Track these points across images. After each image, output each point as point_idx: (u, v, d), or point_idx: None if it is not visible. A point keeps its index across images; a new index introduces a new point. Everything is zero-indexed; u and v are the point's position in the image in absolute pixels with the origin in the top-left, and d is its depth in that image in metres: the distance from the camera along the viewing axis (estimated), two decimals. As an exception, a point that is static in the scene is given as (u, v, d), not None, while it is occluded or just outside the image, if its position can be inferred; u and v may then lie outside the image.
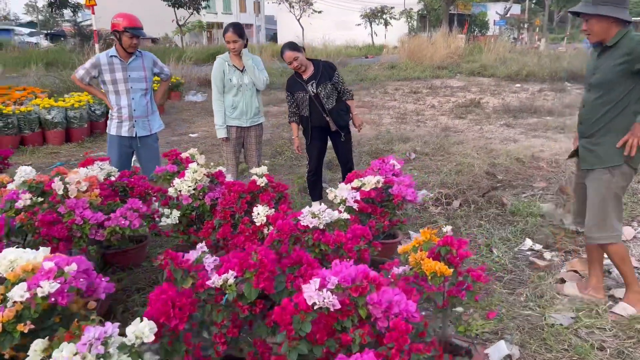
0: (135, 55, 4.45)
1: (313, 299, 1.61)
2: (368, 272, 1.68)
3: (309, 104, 4.68)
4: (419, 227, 4.64)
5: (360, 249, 2.59)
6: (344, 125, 4.80)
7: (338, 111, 4.73)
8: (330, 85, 4.65)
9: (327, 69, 4.69)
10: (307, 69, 4.65)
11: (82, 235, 2.71)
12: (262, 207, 2.90)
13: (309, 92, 4.63)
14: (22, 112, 7.94)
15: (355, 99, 13.54)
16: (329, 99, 4.67)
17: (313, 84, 4.63)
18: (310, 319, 1.63)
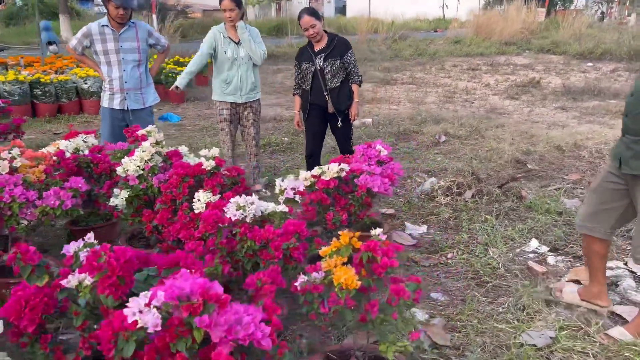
0: (128, 25, 4.31)
1: (135, 316, 1.36)
2: (208, 287, 1.40)
3: (312, 77, 4.40)
4: (420, 218, 4.27)
5: (290, 247, 2.31)
6: (342, 109, 4.46)
7: (339, 93, 4.40)
8: (339, 62, 4.32)
9: (341, 45, 4.36)
10: (321, 40, 4.36)
11: (12, 214, 2.60)
12: (204, 193, 2.68)
13: (316, 64, 4.34)
14: (60, 81, 8.14)
15: (406, 75, 13.00)
16: (334, 78, 4.36)
17: (321, 57, 4.33)
18: (134, 338, 1.39)
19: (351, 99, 4.47)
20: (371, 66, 14.52)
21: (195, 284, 1.39)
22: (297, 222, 2.38)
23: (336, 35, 4.44)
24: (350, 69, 4.38)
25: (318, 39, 4.35)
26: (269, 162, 5.81)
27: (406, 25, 27.84)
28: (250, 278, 2.22)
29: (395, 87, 11.37)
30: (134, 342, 1.39)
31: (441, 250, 3.71)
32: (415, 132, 7.03)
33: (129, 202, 3.04)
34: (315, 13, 4.30)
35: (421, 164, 5.68)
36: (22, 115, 7.92)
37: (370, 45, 18.77)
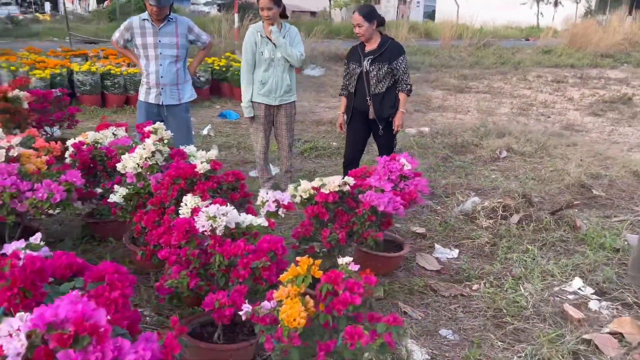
0: (168, 20, 4.27)
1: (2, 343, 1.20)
2: (87, 315, 1.21)
3: (357, 80, 4.20)
4: (453, 241, 3.89)
5: (260, 266, 2.08)
6: (384, 117, 4.19)
7: (383, 100, 4.15)
8: (387, 68, 4.07)
9: (393, 49, 4.11)
10: (372, 42, 4.14)
11: (3, 204, 2.59)
12: (193, 197, 2.52)
13: (362, 66, 4.14)
14: (129, 73, 8.42)
15: (483, 83, 12.36)
16: (380, 83, 4.12)
17: (369, 60, 4.11)
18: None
19: (395, 107, 4.18)
20: (447, 73, 13.94)
21: (71, 311, 1.21)
22: (274, 238, 2.15)
23: (390, 39, 4.19)
24: (399, 76, 4.11)
25: (365, 39, 4.13)
26: (310, 167, 5.61)
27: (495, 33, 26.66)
28: (209, 297, 2.03)
29: (467, 96, 10.79)
30: (2, 367, 1.23)
31: (467, 280, 3.33)
32: (475, 145, 6.54)
33: (127, 200, 2.95)
34: (367, 13, 4.06)
35: (472, 181, 5.23)
36: (91, 105, 8.31)
37: (451, 51, 18.09)
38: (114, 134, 3.84)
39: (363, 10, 4.08)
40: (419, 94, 10.64)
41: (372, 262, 3.32)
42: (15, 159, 2.80)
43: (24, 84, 5.31)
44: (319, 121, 7.85)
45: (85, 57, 10.11)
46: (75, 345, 1.19)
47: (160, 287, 2.23)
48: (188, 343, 1.67)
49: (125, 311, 1.55)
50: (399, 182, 3.28)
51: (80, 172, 3.25)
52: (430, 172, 5.39)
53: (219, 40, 12.72)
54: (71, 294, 1.26)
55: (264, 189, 2.70)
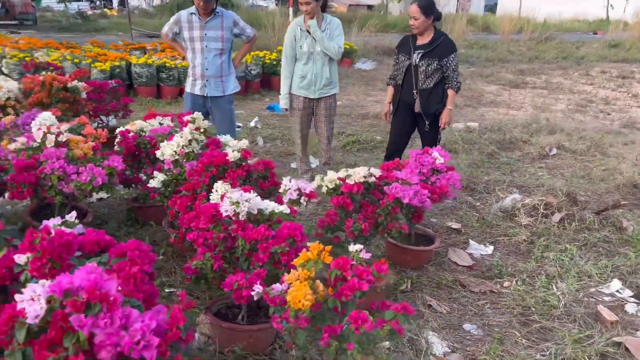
0: (214, 14, 4.41)
1: (23, 304, 1.33)
2: (98, 285, 1.32)
3: (405, 72, 4.18)
4: (490, 238, 3.83)
5: (279, 251, 2.16)
6: (430, 113, 4.17)
7: (430, 95, 4.12)
8: (436, 64, 4.03)
9: (444, 46, 4.04)
10: (425, 36, 4.10)
11: (52, 185, 2.79)
12: (223, 184, 2.62)
13: (412, 59, 4.11)
14: (183, 66, 8.72)
15: (541, 78, 11.96)
16: (428, 79, 4.08)
17: (419, 54, 4.08)
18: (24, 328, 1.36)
19: (442, 103, 4.15)
20: (503, 67, 13.53)
21: (86, 280, 1.32)
22: (293, 225, 2.22)
23: (443, 35, 4.12)
24: (449, 73, 4.06)
25: (419, 33, 4.10)
26: (352, 160, 5.64)
27: (560, 26, 25.63)
28: (229, 278, 2.12)
29: (522, 91, 10.45)
30: (25, 329, 1.36)
31: (498, 277, 3.28)
32: (524, 141, 6.35)
33: (165, 186, 3.11)
34: (425, 7, 3.99)
35: (516, 178, 5.10)
36: (147, 96, 8.67)
37: (510, 45, 17.53)
38: (160, 123, 4.02)
39: (422, 3, 4.00)
40: (472, 88, 10.42)
41: (402, 255, 3.35)
42: (65, 144, 3.00)
43: (83, 76, 5.64)
44: (364, 115, 7.85)
45: (144, 50, 10.53)
46: (87, 311, 1.31)
47: (187, 267, 2.35)
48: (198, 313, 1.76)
49: (142, 285, 1.66)
50: (431, 175, 3.27)
51: (123, 158, 3.46)
52: (472, 168, 5.30)
53: (272, 34, 12.90)
54: (88, 266, 1.38)
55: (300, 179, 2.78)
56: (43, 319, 1.33)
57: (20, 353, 1.38)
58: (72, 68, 7.94)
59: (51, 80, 4.88)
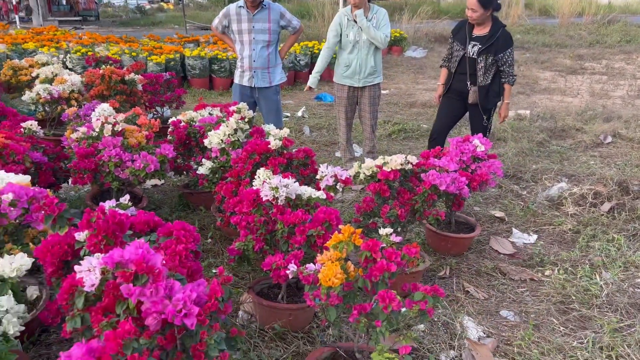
0: (262, 7, 4.54)
1: (81, 274, 1.50)
2: (145, 258, 1.46)
3: (459, 62, 4.13)
4: (534, 227, 3.80)
5: (315, 234, 2.26)
6: (489, 108, 4.14)
7: (488, 91, 4.08)
8: (492, 59, 3.97)
9: (502, 40, 3.95)
10: (483, 27, 4.02)
11: (109, 172, 3.01)
12: (265, 171, 2.76)
13: (467, 51, 4.05)
14: (234, 57, 8.94)
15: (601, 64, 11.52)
16: (486, 74, 4.03)
17: (475, 47, 4.01)
18: (84, 294, 1.53)
19: (499, 97, 4.13)
20: (561, 53, 13.06)
21: (134, 254, 1.47)
22: (329, 210, 2.32)
23: (502, 27, 3.99)
24: (504, 68, 3.99)
25: (477, 23, 4.02)
26: (397, 149, 5.66)
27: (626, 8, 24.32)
28: (268, 259, 2.25)
29: (580, 77, 10.08)
30: (83, 296, 1.53)
31: (540, 265, 3.26)
32: (577, 129, 6.17)
33: (213, 173, 3.27)
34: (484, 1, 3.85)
35: (566, 167, 4.99)
36: (200, 87, 8.98)
37: (569, 29, 16.85)
38: (210, 114, 4.21)
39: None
40: (525, 75, 10.14)
41: (442, 242, 3.39)
42: (120, 134, 3.22)
43: (140, 69, 5.93)
44: (412, 103, 7.82)
45: (197, 43, 10.87)
46: (135, 282, 1.46)
47: (231, 249, 2.50)
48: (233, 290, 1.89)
49: (187, 262, 1.81)
50: (471, 163, 3.28)
51: (175, 146, 3.66)
52: (520, 156, 5.22)
53: (321, 24, 12.98)
54: (136, 242, 1.53)
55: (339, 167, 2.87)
56: (98, 288, 1.50)
57: (79, 318, 1.55)
58: (129, 61, 8.33)
59: (110, 74, 5.18)
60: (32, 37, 9.69)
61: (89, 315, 1.56)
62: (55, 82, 5.24)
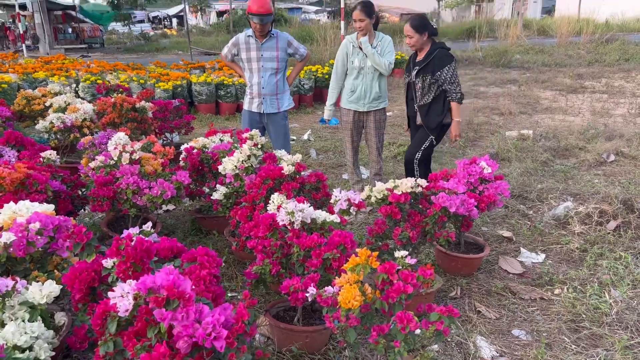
0: (270, 35, 4.68)
1: (115, 300, 1.57)
2: (176, 284, 1.54)
3: (407, 89, 4.33)
4: (541, 246, 3.85)
5: (330, 257, 2.34)
6: (432, 127, 4.17)
7: (428, 109, 4.14)
8: (430, 78, 4.04)
9: (438, 60, 4.00)
10: (423, 52, 4.16)
11: (127, 198, 3.10)
12: (279, 195, 2.84)
13: (411, 76, 4.22)
14: (241, 83, 9.13)
15: (601, 82, 11.65)
16: (425, 95, 4.10)
17: (416, 70, 4.14)
18: (117, 319, 1.60)
19: (443, 116, 4.15)
20: (560, 72, 13.23)
21: (165, 280, 1.55)
22: (344, 233, 2.40)
23: (439, 48, 4.06)
24: (446, 86, 4.02)
25: (417, 50, 4.16)
26: (402, 170, 5.68)
27: (623, 27, 24.66)
28: (286, 282, 2.32)
29: (580, 96, 10.21)
30: (116, 321, 1.60)
31: (549, 284, 3.31)
32: (580, 148, 6.26)
33: (227, 198, 3.36)
34: (418, 25, 4.01)
35: (570, 186, 5.06)
36: (207, 112, 9.12)
37: (567, 49, 17.07)
38: (221, 140, 4.31)
39: (414, 22, 4.08)
40: (526, 95, 10.28)
41: (452, 263, 3.45)
42: (137, 162, 3.32)
43: (149, 96, 6.07)
44: (416, 125, 7.92)
45: (203, 69, 11.07)
46: (167, 306, 1.53)
47: (248, 272, 2.57)
48: (259, 314, 1.95)
49: (211, 286, 1.88)
50: (479, 185, 3.36)
51: (189, 173, 3.76)
52: (525, 176, 5.29)
53: (324, 47, 13.20)
54: (166, 268, 1.60)
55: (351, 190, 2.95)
56: (131, 313, 1.57)
57: (112, 342, 1.62)
58: (138, 88, 8.50)
59: (121, 102, 5.31)
60: (42, 66, 9.92)
61: (120, 340, 1.63)
62: (68, 110, 5.38)
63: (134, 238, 1.95)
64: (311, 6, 53.75)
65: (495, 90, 11.18)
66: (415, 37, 4.07)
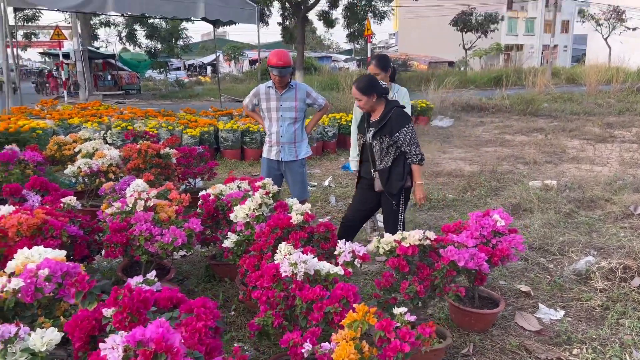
0: (289, 87, 4.81)
1: (105, 351, 1.59)
2: (165, 338, 1.55)
3: (362, 150, 4.01)
4: (560, 302, 3.73)
5: (332, 311, 2.31)
6: (394, 193, 3.86)
7: (389, 174, 3.84)
8: (389, 140, 3.77)
9: (395, 120, 3.77)
10: (377, 112, 3.91)
11: (139, 245, 3.16)
12: (286, 245, 2.85)
13: (366, 137, 3.92)
14: (265, 130, 9.30)
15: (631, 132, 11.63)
16: (384, 158, 3.82)
17: (371, 131, 3.87)
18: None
19: (403, 181, 3.86)
20: (589, 121, 13.08)
21: (155, 333, 1.56)
22: (347, 286, 2.38)
23: (394, 108, 3.84)
24: (405, 148, 3.76)
25: (368, 111, 3.94)
26: (422, 219, 5.70)
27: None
28: (286, 336, 2.30)
29: (609, 146, 10.03)
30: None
31: (568, 344, 3.18)
32: (606, 200, 6.11)
33: (238, 246, 3.38)
34: (364, 87, 3.80)
35: (595, 239, 4.91)
36: (232, 158, 9.30)
37: (597, 97, 16.94)
38: (239, 187, 4.38)
39: (360, 84, 3.84)
40: (553, 144, 10.17)
41: (465, 318, 3.36)
42: (152, 208, 3.40)
43: (175, 142, 6.25)
44: (438, 172, 7.91)
45: (231, 116, 11.36)
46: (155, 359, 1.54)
47: (251, 324, 2.55)
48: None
49: (206, 339, 1.88)
50: (492, 238, 3.30)
51: (203, 219, 3.82)
52: (547, 228, 5.17)
53: (349, 95, 13.40)
54: (158, 320, 1.62)
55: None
56: (120, 365, 1.58)
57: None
58: (166, 134, 8.76)
59: (146, 148, 5.47)
60: (78, 112, 10.35)
61: (111, 391, 1.63)
62: (96, 156, 5.57)
63: (133, 287, 1.98)
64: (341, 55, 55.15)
65: (521, 139, 11.10)
66: (363, 99, 3.82)
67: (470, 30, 29.18)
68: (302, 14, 22.70)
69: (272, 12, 22.77)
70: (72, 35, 23.80)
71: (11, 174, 5.18)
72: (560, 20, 49.42)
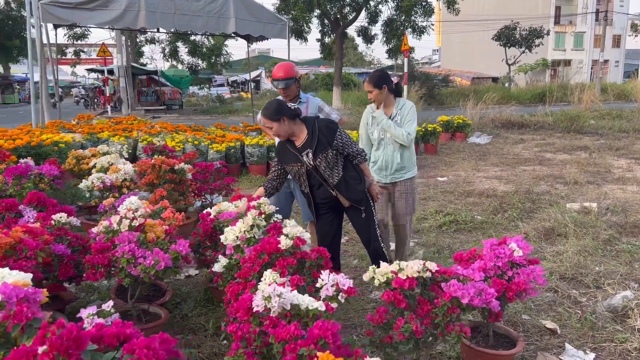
0: (300, 100, 4.59)
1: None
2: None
3: (308, 178, 3.63)
4: (591, 343, 3.30)
5: (307, 353, 2.03)
6: (360, 198, 3.61)
7: (348, 183, 3.59)
8: (332, 152, 3.52)
9: (324, 131, 3.54)
10: (299, 134, 3.59)
11: (122, 268, 2.96)
12: (272, 273, 2.59)
13: (305, 163, 3.57)
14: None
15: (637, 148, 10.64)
16: (333, 171, 3.55)
17: (309, 154, 3.55)
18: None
19: (362, 183, 3.63)
20: (639, 139, 12.28)
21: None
22: (326, 324, 2.08)
23: (314, 120, 3.63)
24: (346, 150, 3.56)
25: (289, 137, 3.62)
26: (445, 242, 5.32)
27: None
28: (255, 379, 2.03)
29: (660, 166, 9.32)
30: None
31: (595, 394, 2.77)
32: (629, 223, 5.56)
33: (228, 270, 3.15)
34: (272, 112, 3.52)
35: (636, 270, 4.42)
36: (257, 174, 9.15)
37: (649, 114, 16.01)
38: (236, 206, 4.15)
39: (267, 112, 3.56)
40: (596, 163, 9.55)
41: (477, 359, 2.99)
42: (140, 228, 3.21)
43: (193, 158, 6.13)
44: (469, 192, 7.48)
45: (260, 131, 11.25)
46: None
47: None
48: None
49: (145, 386, 1.63)
50: (508, 269, 2.94)
51: (201, 239, 3.63)
52: (582, 256, 4.70)
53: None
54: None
55: None
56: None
57: None
58: (191, 149, 8.70)
59: (160, 163, 5.35)
60: (110, 126, 10.47)
61: None
62: (110, 171, 5.50)
63: (66, 324, 1.76)
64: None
65: (562, 157, 10.49)
66: (275, 126, 3.54)
67: (514, 45, 28.33)
68: (341, 30, 22.60)
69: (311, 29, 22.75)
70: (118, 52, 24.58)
71: (23, 188, 5.16)
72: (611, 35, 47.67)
